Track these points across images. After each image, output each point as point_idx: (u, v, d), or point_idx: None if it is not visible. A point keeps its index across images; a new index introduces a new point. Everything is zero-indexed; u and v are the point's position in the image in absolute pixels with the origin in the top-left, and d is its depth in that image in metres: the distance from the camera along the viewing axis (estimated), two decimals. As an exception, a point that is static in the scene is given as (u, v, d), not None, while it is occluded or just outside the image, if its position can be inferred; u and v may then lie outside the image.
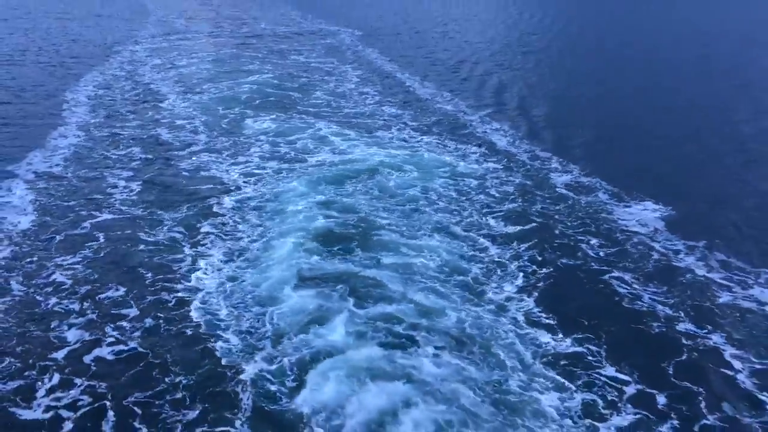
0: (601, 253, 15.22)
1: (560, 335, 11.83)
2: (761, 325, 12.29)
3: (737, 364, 11.16)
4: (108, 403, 10.00)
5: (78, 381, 10.53)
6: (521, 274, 14.20)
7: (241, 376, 10.53)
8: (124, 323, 12.10)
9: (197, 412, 9.75)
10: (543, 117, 29.20)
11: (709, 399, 10.26)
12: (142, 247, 15.38)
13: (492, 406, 9.99)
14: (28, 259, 14.57)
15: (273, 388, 10.33)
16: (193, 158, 22.45)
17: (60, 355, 11.21)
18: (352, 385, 10.38)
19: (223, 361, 11.01)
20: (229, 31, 65.25)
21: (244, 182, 20.06)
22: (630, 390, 10.46)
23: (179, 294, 13.15)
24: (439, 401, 10.06)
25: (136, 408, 9.89)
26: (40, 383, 10.48)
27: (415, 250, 15.44)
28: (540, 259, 14.89)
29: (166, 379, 10.56)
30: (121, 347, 11.43)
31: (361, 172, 21.05)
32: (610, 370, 10.87)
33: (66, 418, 9.77)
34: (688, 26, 76.99)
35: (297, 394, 10.18)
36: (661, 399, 10.24)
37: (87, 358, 11.13)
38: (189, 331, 11.80)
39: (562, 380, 10.57)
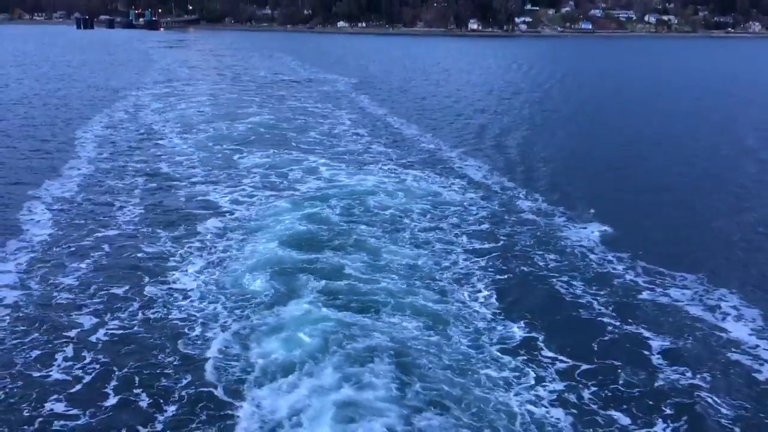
0: (552, 264, 17.30)
1: (513, 324, 13.80)
2: (673, 315, 14.34)
3: (653, 344, 13.08)
4: (109, 371, 11.88)
5: (86, 354, 12.44)
6: (485, 278, 16.25)
7: (209, 343, 12.86)
8: (122, 313, 14.12)
9: (179, 377, 11.74)
10: (513, 154, 31.90)
11: (627, 370, 12.08)
12: (140, 255, 17.47)
13: (449, 371, 11.90)
14: (46, 263, 16.68)
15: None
16: (190, 187, 24.53)
17: (72, 333, 13.18)
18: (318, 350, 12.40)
19: (195, 334, 13.30)
20: (230, 79, 68.47)
21: (235, 206, 22.10)
22: (562, 364, 12.27)
23: (167, 290, 15.28)
24: (404, 367, 11.93)
25: (132, 373, 11.81)
26: (57, 354, 12.42)
27: (390, 253, 17.59)
28: (503, 267, 16.94)
29: (154, 352, 12.57)
30: (119, 330, 13.42)
31: (347, 195, 23.36)
32: (548, 350, 12.72)
33: (78, 379, 11.65)
34: (653, 75, 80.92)
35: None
36: (588, 370, 12.06)
37: (93, 338, 13.08)
38: (174, 319, 13.89)
39: (510, 358, 12.42)
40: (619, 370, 12.18)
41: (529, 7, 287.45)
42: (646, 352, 12.88)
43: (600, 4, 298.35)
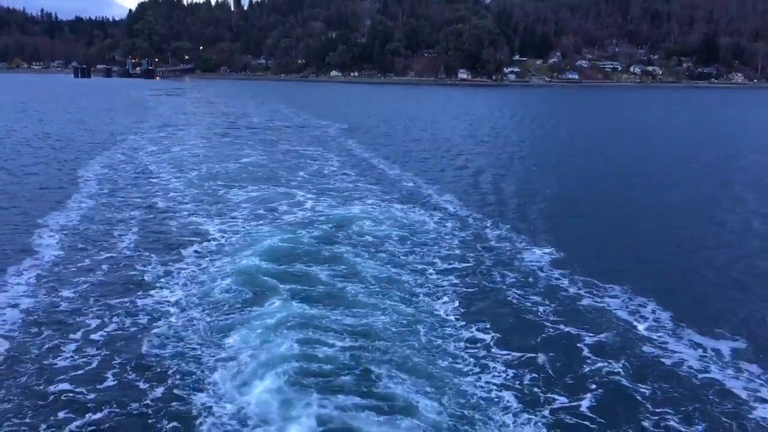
0: (509, 280, 19.45)
1: (473, 326, 15.94)
2: (603, 318, 16.67)
3: (585, 340, 15.24)
4: (106, 361, 13.88)
5: (86, 349, 14.43)
6: (452, 290, 18.42)
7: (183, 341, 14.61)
8: (117, 318, 16.14)
9: (161, 372, 13.63)
10: (486, 191, 34.50)
11: (563, 360, 14.19)
12: (133, 273, 19.48)
13: (415, 363, 13.84)
14: (53, 278, 18.76)
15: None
16: (182, 218, 26.50)
17: (75, 334, 15.14)
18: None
19: (176, 336, 15.29)
20: (224, 124, 71.15)
21: (222, 233, 24.15)
22: (510, 356, 14.32)
23: (155, 301, 17.39)
24: (373, 360, 13.80)
25: (124, 364, 13.80)
26: (62, 347, 14.42)
27: (366, 268, 19.76)
28: (468, 282, 19.15)
29: (143, 349, 14.55)
30: (115, 332, 15.41)
31: (330, 221, 25.77)
32: (500, 346, 14.81)
33: (79, 366, 13.62)
34: (631, 121, 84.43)
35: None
36: (532, 360, 14.19)
37: (92, 337, 15.07)
38: (160, 325, 15.86)
39: (467, 352, 14.50)
40: (557, 361, 14.24)
41: (517, 57, 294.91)
42: (579, 346, 15.04)
43: (586, 55, 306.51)
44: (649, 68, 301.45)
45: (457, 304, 17.46)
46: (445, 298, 17.84)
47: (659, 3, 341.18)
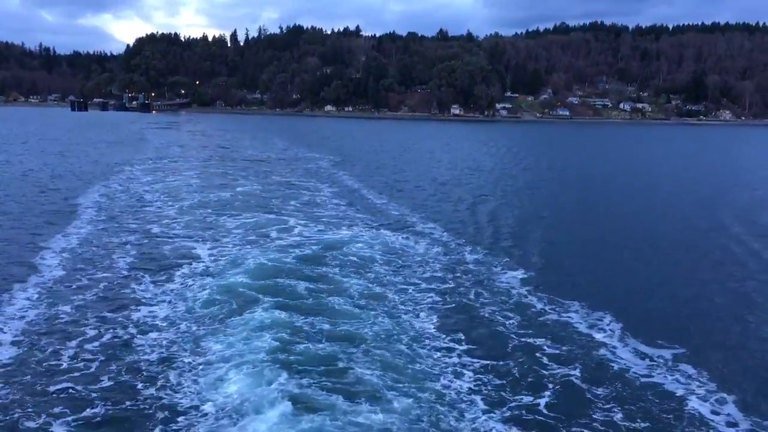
0: (483, 297, 20.93)
1: (447, 336, 17.54)
2: (564, 330, 18.38)
3: (546, 349, 16.74)
4: (102, 365, 15.30)
5: (83, 354, 15.83)
6: (431, 306, 20.06)
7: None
8: (111, 328, 17.56)
9: (150, 375, 14.94)
10: (467, 219, 36.28)
11: (525, 366, 15.67)
12: (127, 290, 20.94)
13: (394, 365, 15.23)
14: (53, 295, 20.18)
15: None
16: (175, 243, 27.80)
17: (75, 343, 16.51)
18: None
19: (163, 342, 16.80)
20: (218, 157, 72.73)
21: (213, 255, 25.56)
22: (480, 363, 15.84)
23: (146, 314, 18.88)
24: (355, 364, 15.14)
25: (118, 368, 15.17)
26: (62, 353, 15.85)
27: (351, 284, 21.40)
28: (446, 299, 20.73)
29: (135, 354, 15.98)
30: (109, 340, 16.79)
31: (319, 244, 27.34)
32: (473, 354, 16.32)
33: (77, 369, 14.99)
34: (614, 155, 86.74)
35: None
36: (498, 366, 15.66)
37: (90, 344, 16.47)
38: (150, 335, 17.28)
39: (442, 359, 16.06)
40: (521, 366, 15.83)
41: (508, 93, 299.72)
42: (541, 354, 16.54)
43: (577, 92, 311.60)
44: (639, 105, 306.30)
45: (435, 318, 18.94)
46: (425, 313, 19.32)
47: (649, 42, 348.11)
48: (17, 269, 22.93)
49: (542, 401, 14.08)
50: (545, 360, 16.14)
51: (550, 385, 14.80)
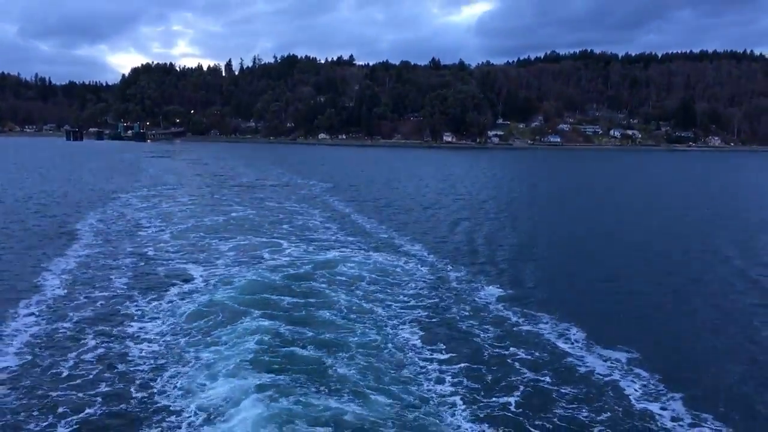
0: (461, 311, 22.22)
1: (428, 345, 18.78)
2: (534, 338, 19.70)
3: (517, 355, 18.02)
4: (99, 372, 16.45)
5: (81, 363, 16.93)
6: (413, 319, 21.26)
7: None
8: (107, 341, 18.71)
9: (141, 382, 15.99)
10: (452, 240, 37.52)
11: (497, 370, 16.90)
12: (120, 308, 22.09)
13: (377, 370, 16.30)
14: (54, 311, 21.39)
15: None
16: (169, 264, 28.93)
17: (74, 353, 17.65)
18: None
19: (151, 353, 17.60)
20: (213, 183, 74.01)
21: (205, 274, 26.72)
22: (456, 367, 17.07)
23: (139, 328, 20.03)
24: (339, 369, 16.24)
25: (115, 374, 16.25)
26: (62, 362, 17.04)
27: (339, 299, 22.65)
28: (428, 313, 21.95)
29: (129, 364, 17.05)
30: (106, 351, 17.95)
31: (309, 263, 28.69)
32: (450, 362, 17.47)
33: (80, 376, 16.05)
34: (602, 180, 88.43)
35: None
36: (473, 370, 16.91)
37: (88, 354, 17.66)
38: (143, 347, 18.43)
39: (423, 364, 17.28)
40: (496, 372, 17.04)
41: (500, 121, 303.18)
42: (514, 360, 17.78)
43: (568, 119, 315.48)
44: (629, 132, 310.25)
45: (418, 330, 20.21)
46: (408, 326, 20.51)
47: (638, 69, 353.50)
48: (21, 288, 24.18)
49: (513, 400, 15.29)
50: (517, 365, 17.39)
51: (521, 387, 16.03)
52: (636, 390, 16.05)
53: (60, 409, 14.49)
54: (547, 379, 16.54)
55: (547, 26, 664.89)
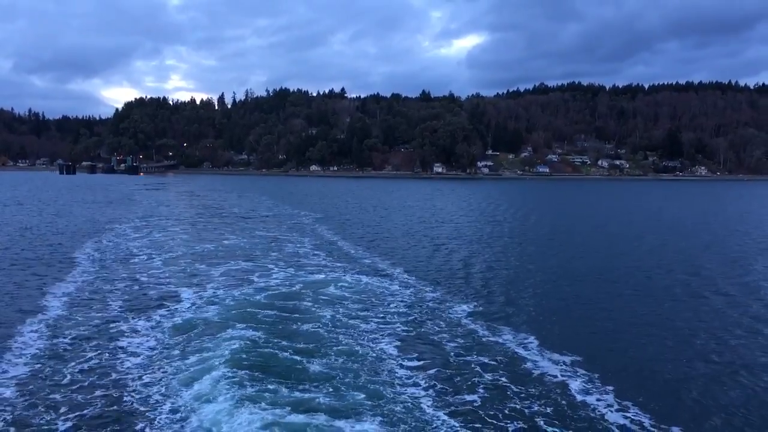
0: (436, 327, 23.94)
1: (405, 356, 20.47)
2: (500, 348, 21.54)
3: (482, 363, 19.85)
4: (97, 381, 18.06)
5: (79, 374, 18.61)
6: (392, 333, 23.04)
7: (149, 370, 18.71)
8: (103, 355, 20.31)
9: (132, 391, 17.60)
10: (431, 265, 39.40)
11: (464, 376, 18.56)
12: (115, 325, 23.88)
13: (357, 378, 17.84)
14: (55, 330, 23.05)
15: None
16: (161, 288, 30.56)
17: (74, 364, 19.38)
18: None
19: (143, 364, 19.10)
20: (205, 214, 75.76)
21: (195, 296, 28.45)
22: (431, 374, 18.79)
23: (132, 344, 21.68)
24: (321, 378, 17.88)
25: (111, 383, 17.83)
26: (63, 371, 18.72)
27: (324, 315, 24.60)
28: (405, 328, 23.74)
29: (123, 374, 18.59)
30: (98, 363, 19.61)
31: (295, 284, 30.72)
32: (423, 369, 19.17)
33: (78, 383, 17.71)
34: (590, 209, 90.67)
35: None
36: (447, 376, 18.60)
37: (86, 365, 19.38)
38: (134, 361, 20.00)
39: (399, 372, 18.93)
40: (463, 375, 18.87)
41: (490, 151, 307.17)
42: (478, 366, 19.68)
43: (556, 149, 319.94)
44: (617, 162, 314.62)
45: (395, 341, 22.11)
46: (386, 338, 22.31)
47: (625, 100, 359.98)
48: (27, 309, 26.19)
49: (477, 397, 17.22)
50: (480, 369, 19.28)
51: (483, 387, 17.96)
52: (577, 385, 18.22)
53: (62, 410, 16.16)
54: (505, 379, 18.49)
55: (537, 59, 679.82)
